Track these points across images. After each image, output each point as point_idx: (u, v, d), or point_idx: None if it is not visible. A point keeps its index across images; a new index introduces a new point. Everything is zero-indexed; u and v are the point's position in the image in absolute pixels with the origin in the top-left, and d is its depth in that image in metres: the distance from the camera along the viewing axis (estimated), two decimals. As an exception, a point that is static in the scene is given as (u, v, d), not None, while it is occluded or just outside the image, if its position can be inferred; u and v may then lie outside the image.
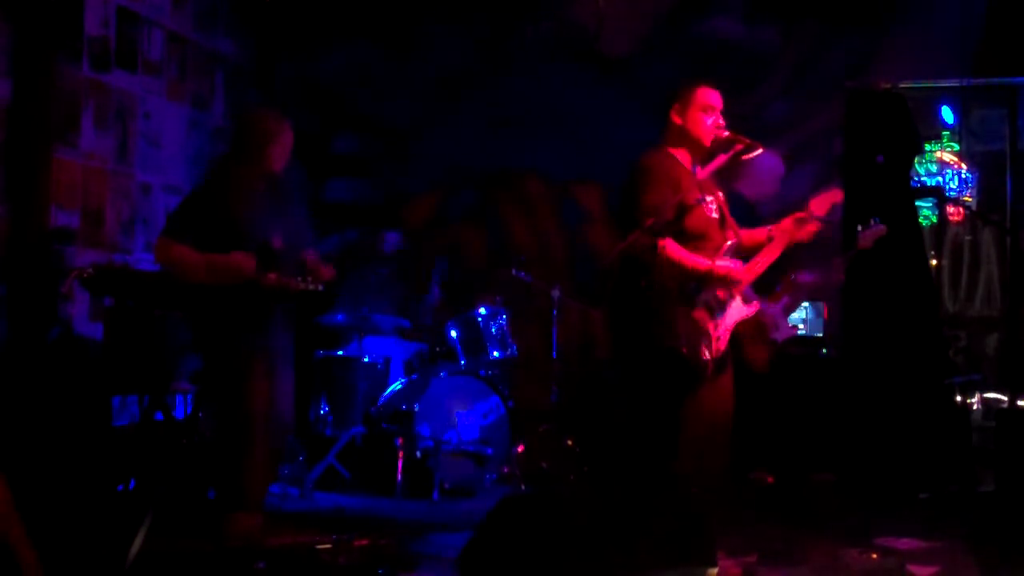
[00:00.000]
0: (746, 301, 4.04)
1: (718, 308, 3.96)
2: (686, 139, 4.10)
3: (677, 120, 4.10)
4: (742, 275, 4.01)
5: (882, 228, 5.31)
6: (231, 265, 4.32)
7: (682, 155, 4.12)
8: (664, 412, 3.92)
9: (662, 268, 3.89)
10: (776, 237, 4.20)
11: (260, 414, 4.52)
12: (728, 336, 3.99)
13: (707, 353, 3.90)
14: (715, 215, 4.09)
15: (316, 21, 7.54)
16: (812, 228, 4.20)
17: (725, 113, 4.17)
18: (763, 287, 5.13)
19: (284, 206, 4.80)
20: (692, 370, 3.87)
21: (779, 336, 5.37)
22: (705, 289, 3.95)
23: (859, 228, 5.32)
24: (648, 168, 4.04)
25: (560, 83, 7.44)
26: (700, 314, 3.93)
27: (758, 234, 4.27)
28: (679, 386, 3.90)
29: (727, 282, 3.95)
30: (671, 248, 3.90)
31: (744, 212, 5.40)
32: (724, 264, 3.93)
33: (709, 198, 4.08)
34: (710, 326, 3.93)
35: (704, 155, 4.13)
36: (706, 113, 4.08)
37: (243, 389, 4.41)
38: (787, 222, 4.22)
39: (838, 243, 5.75)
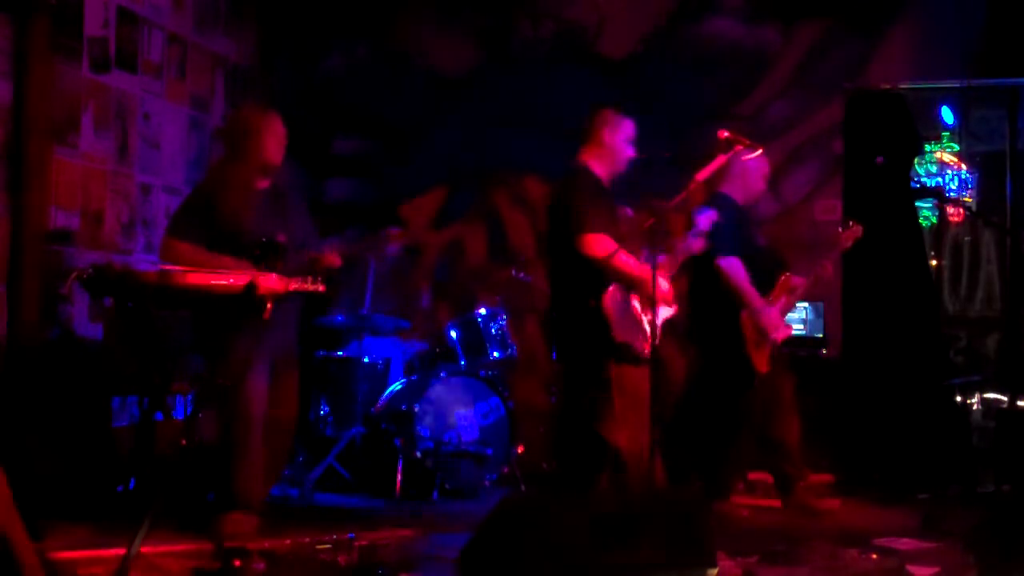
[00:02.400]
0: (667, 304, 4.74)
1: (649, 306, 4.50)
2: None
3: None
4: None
5: (858, 229, 5.65)
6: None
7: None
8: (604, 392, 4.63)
9: (612, 272, 4.58)
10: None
11: (259, 415, 4.52)
12: (659, 330, 4.60)
13: (642, 342, 4.56)
14: None
15: (316, 21, 7.54)
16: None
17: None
18: (760, 290, 5.33)
19: (285, 204, 4.81)
20: (634, 358, 4.56)
21: (778, 336, 5.43)
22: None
23: (839, 230, 5.68)
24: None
25: (560, 83, 7.44)
26: (636, 309, 4.62)
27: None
28: (621, 372, 4.58)
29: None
30: (620, 257, 4.55)
31: (738, 215, 5.43)
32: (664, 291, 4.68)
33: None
34: (644, 320, 4.57)
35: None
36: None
37: (242, 390, 4.42)
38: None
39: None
